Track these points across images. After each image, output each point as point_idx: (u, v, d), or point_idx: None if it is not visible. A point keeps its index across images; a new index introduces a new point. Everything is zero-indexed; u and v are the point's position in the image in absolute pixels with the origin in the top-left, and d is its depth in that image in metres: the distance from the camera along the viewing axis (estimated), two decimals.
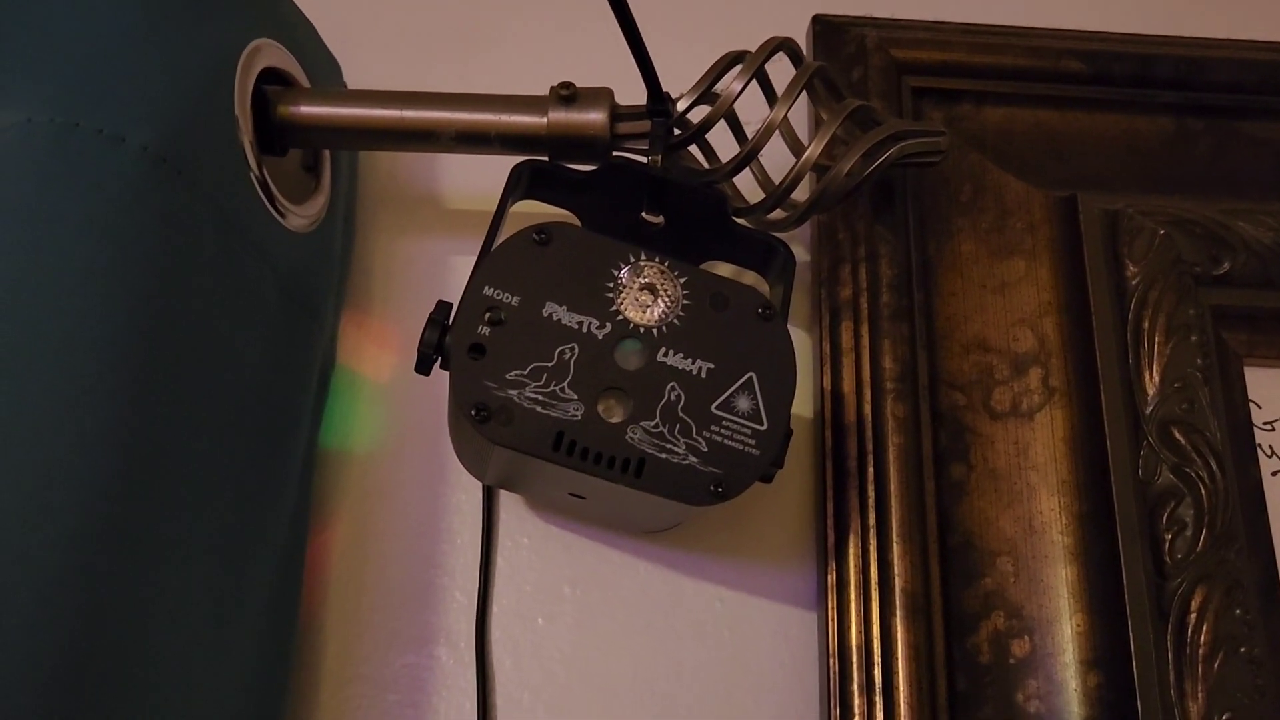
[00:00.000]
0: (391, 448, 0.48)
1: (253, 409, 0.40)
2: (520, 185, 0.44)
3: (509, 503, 0.47)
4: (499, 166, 0.44)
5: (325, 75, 0.49)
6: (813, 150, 0.43)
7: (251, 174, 0.41)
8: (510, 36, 0.57)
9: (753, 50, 0.44)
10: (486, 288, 0.37)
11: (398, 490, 0.47)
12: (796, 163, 0.44)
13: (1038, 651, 0.42)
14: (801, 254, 0.51)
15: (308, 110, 0.44)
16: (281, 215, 0.43)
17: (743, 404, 0.38)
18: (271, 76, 0.45)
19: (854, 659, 0.41)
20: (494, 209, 0.42)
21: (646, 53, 0.40)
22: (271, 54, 0.44)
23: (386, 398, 0.49)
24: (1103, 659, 0.41)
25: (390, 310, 0.50)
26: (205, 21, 0.40)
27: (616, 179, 0.44)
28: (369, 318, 0.50)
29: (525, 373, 0.37)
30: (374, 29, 0.56)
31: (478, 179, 0.52)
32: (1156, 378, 0.44)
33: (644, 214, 0.45)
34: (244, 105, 0.41)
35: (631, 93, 0.44)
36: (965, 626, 0.43)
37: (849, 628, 0.42)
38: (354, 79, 0.53)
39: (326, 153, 0.47)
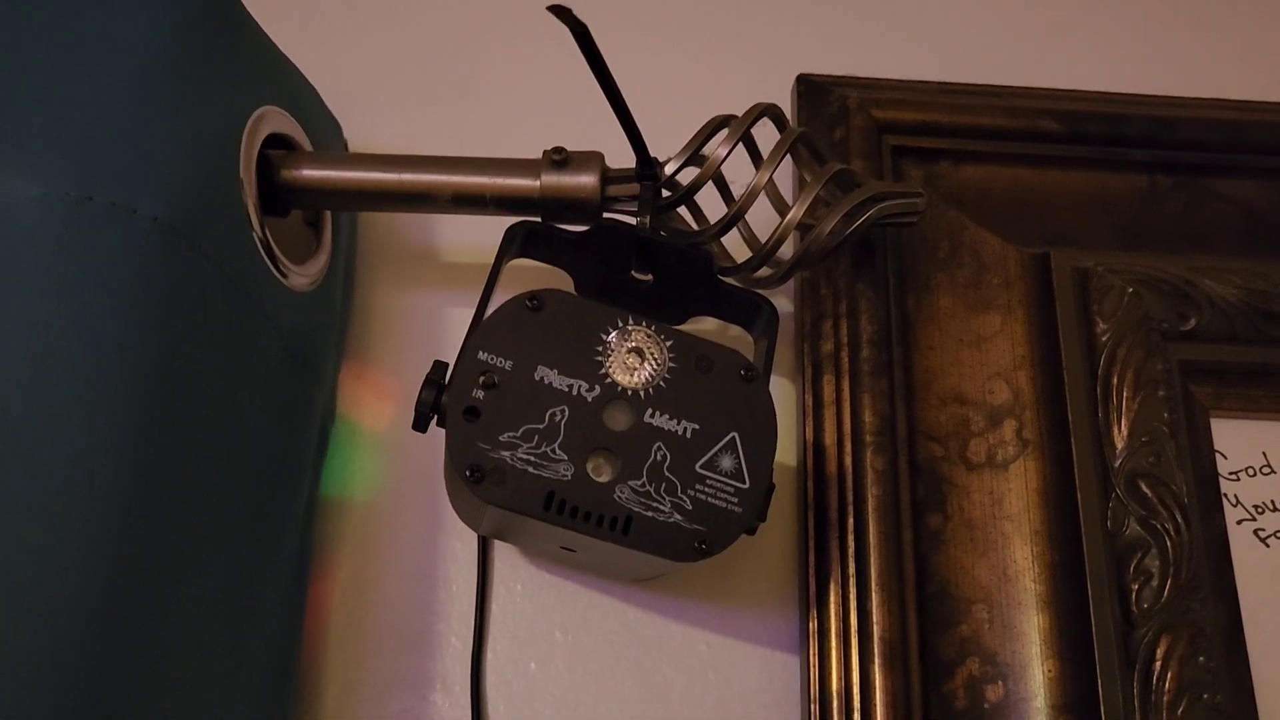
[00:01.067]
0: (390, 496, 0.50)
1: (257, 464, 0.42)
2: (514, 245, 0.46)
3: (503, 550, 0.49)
4: (494, 224, 0.46)
5: (327, 136, 0.51)
6: (796, 212, 0.45)
7: (255, 235, 0.43)
8: (504, 96, 0.59)
9: (739, 114, 0.46)
10: (481, 352, 0.39)
11: (396, 538, 0.49)
12: (781, 223, 0.45)
13: (1011, 696, 0.43)
14: (786, 309, 0.53)
15: (309, 174, 0.46)
16: (284, 275, 0.45)
17: (726, 463, 0.39)
18: (275, 141, 0.46)
19: (834, 705, 0.43)
20: (489, 264, 0.44)
21: (634, 122, 0.42)
22: (275, 120, 0.46)
23: (385, 447, 0.50)
24: (1073, 704, 0.43)
25: (389, 363, 0.52)
26: (214, 92, 0.42)
27: (607, 239, 0.46)
28: (368, 369, 0.52)
29: (518, 434, 0.38)
30: (374, 88, 0.58)
31: (473, 236, 0.54)
32: (1125, 431, 0.46)
33: (634, 272, 0.47)
34: (249, 171, 0.43)
35: (622, 153, 0.46)
36: (941, 672, 0.44)
37: (830, 674, 0.44)
38: (355, 136, 0.55)
39: (328, 213, 0.49)
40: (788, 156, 0.46)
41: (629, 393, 0.40)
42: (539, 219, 0.46)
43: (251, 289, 0.42)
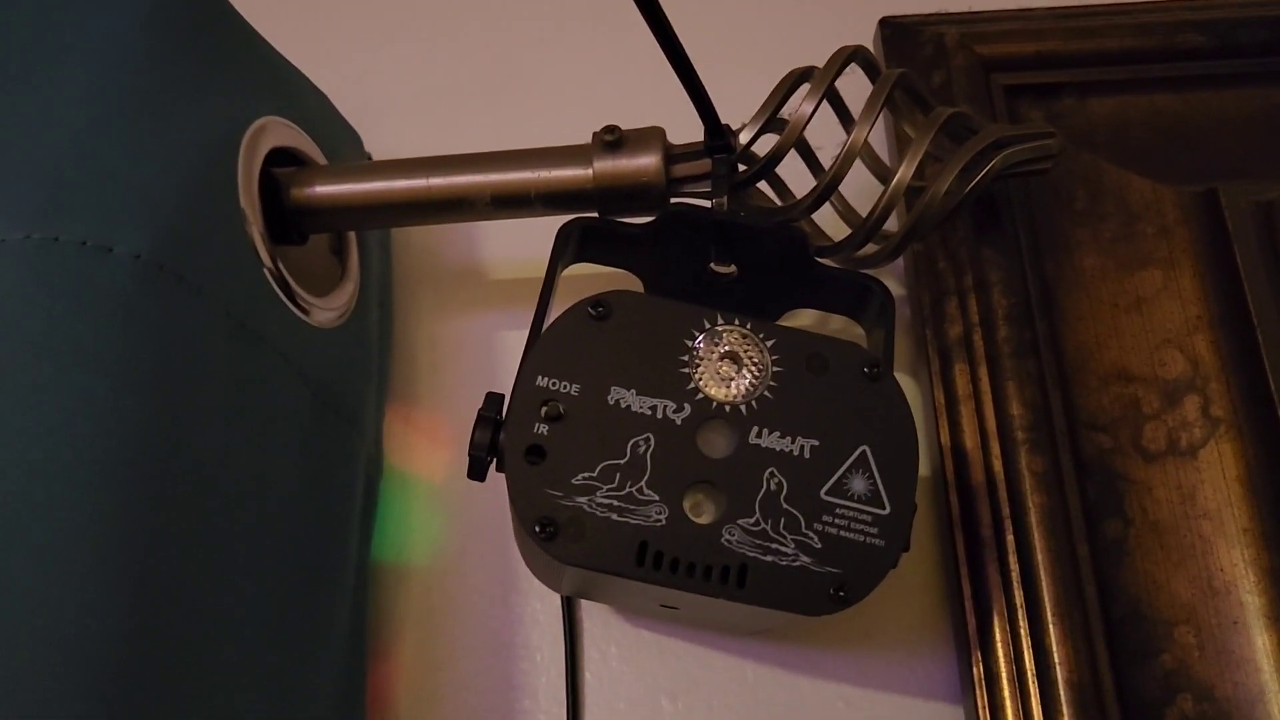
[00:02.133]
0: (454, 556, 0.42)
1: (288, 533, 0.35)
2: (569, 248, 0.38)
3: (592, 607, 0.41)
4: (546, 226, 0.38)
5: (343, 148, 0.44)
6: (904, 172, 0.37)
7: (265, 270, 0.36)
8: (545, 82, 0.52)
9: (820, 66, 0.38)
10: (540, 377, 0.32)
11: (466, 604, 0.42)
12: (886, 189, 0.37)
13: None
14: (897, 290, 0.45)
15: (324, 190, 0.39)
16: (305, 312, 0.38)
17: (858, 485, 0.31)
18: (282, 157, 0.40)
19: None
20: (543, 276, 0.37)
21: (698, 80, 0.34)
22: (279, 132, 0.39)
23: (444, 500, 0.43)
24: None
25: (440, 400, 0.45)
26: (197, 105, 0.35)
27: (678, 229, 0.38)
28: (417, 411, 0.45)
29: (595, 474, 0.31)
30: (395, 93, 0.51)
31: (524, 243, 0.47)
32: None
33: (713, 265, 0.39)
34: (250, 193, 0.36)
35: (686, 130, 0.38)
36: (1147, 716, 0.36)
37: None
38: (380, 149, 0.48)
39: (352, 235, 0.42)
40: (884, 109, 0.38)
41: (727, 409, 0.32)
42: (596, 214, 0.39)
43: (265, 330, 0.35)
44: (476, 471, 0.33)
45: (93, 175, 0.32)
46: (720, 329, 0.33)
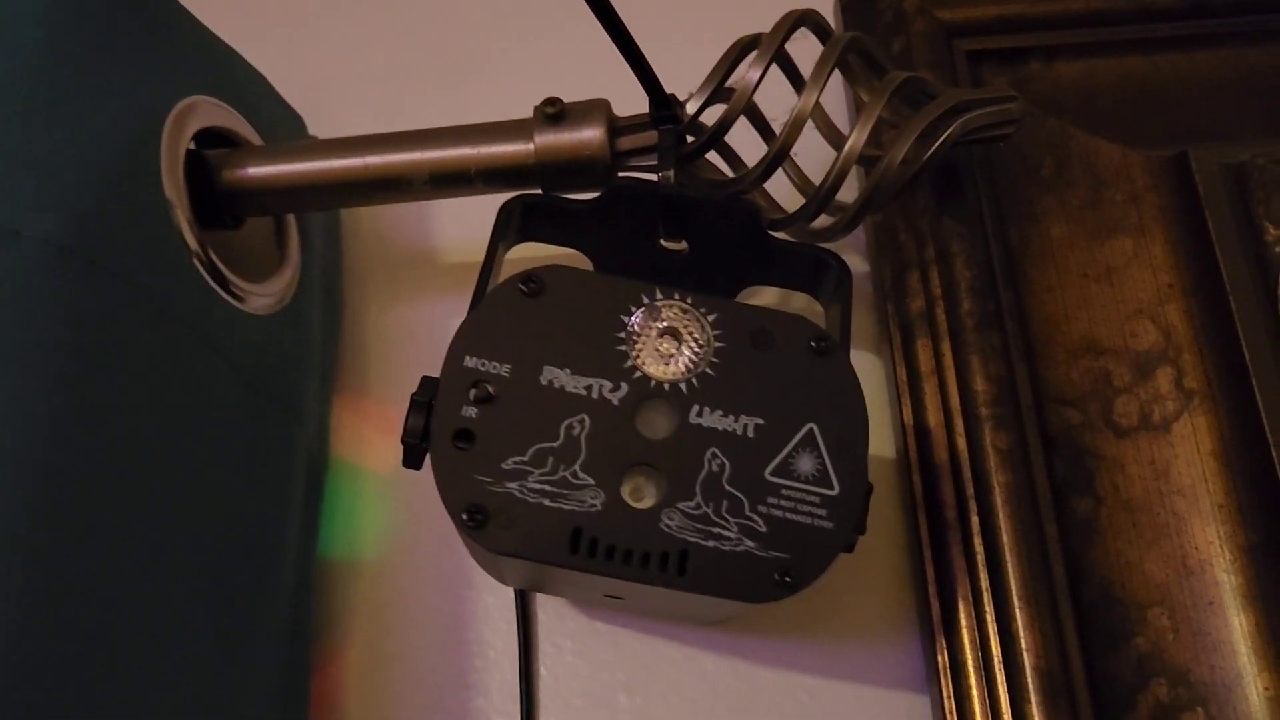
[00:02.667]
0: (404, 551, 0.41)
1: (216, 524, 0.33)
2: (511, 227, 0.37)
3: (547, 600, 0.40)
4: (499, 208, 0.37)
5: (282, 130, 0.42)
6: (856, 139, 0.35)
7: (192, 255, 0.34)
8: (495, 59, 0.50)
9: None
10: (469, 358, 0.30)
11: (417, 600, 0.40)
12: (838, 157, 0.36)
13: None
14: (858, 265, 0.43)
15: (256, 172, 0.37)
16: (239, 299, 0.36)
17: (805, 465, 0.30)
18: (214, 138, 0.38)
19: None
20: None
21: (637, 48, 0.33)
22: (209, 112, 0.37)
23: (394, 493, 0.42)
24: None
25: (390, 390, 0.44)
26: (116, 85, 0.34)
27: (625, 205, 0.37)
28: (366, 401, 0.44)
29: (526, 459, 0.29)
30: (342, 74, 0.50)
31: (477, 226, 0.44)
32: None
33: (663, 241, 0.38)
34: (175, 175, 0.35)
35: (641, 105, 0.37)
36: (1120, 704, 0.34)
37: (972, 718, 0.34)
38: (329, 132, 0.47)
39: (292, 219, 0.41)
40: (837, 73, 0.37)
41: (666, 388, 0.30)
42: (539, 190, 0.37)
43: (190, 317, 0.34)
44: (412, 459, 0.31)
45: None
46: (659, 304, 0.31)
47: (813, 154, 0.39)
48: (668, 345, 0.31)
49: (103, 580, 0.28)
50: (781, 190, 0.39)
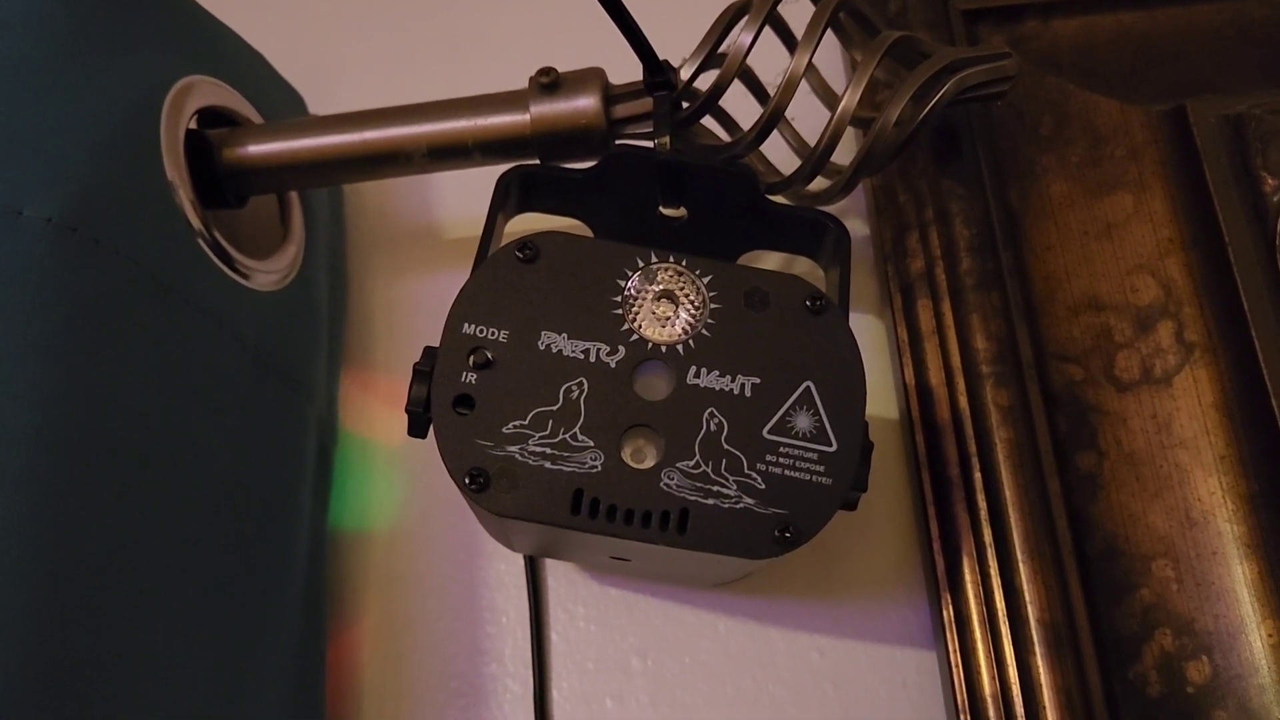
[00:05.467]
0: (416, 521, 0.41)
1: (228, 499, 0.34)
2: (510, 198, 0.37)
3: (557, 567, 0.40)
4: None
5: (282, 108, 0.43)
6: (848, 100, 0.35)
7: (196, 234, 0.35)
8: (494, 31, 0.50)
9: None
10: (467, 325, 0.30)
11: (430, 569, 0.41)
12: (831, 118, 0.36)
13: (1222, 675, 0.33)
14: (860, 227, 0.43)
15: (257, 150, 0.38)
16: (244, 275, 0.37)
17: (802, 423, 0.30)
18: (215, 118, 0.39)
19: (989, 711, 0.33)
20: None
21: (629, 15, 0.33)
22: (208, 91, 0.38)
23: (404, 464, 0.42)
24: None
25: (397, 362, 0.44)
26: (116, 66, 0.34)
27: (622, 173, 0.37)
28: (374, 374, 0.44)
29: (526, 422, 0.30)
30: (342, 53, 0.50)
31: (479, 199, 0.45)
32: None
33: (662, 208, 0.38)
34: (175, 154, 0.35)
35: (632, 71, 0.37)
36: (1124, 654, 0.34)
37: (978, 673, 0.34)
38: (329, 109, 0.47)
39: (294, 196, 0.41)
40: (829, 34, 0.37)
41: (664, 350, 0.31)
42: (537, 161, 0.38)
43: (195, 294, 0.34)
44: (417, 428, 0.32)
45: (1, 139, 0.31)
46: (655, 267, 0.32)
47: (810, 117, 0.39)
48: (664, 308, 0.31)
49: (116, 555, 0.29)
50: (780, 154, 0.39)
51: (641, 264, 0.31)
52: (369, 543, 0.41)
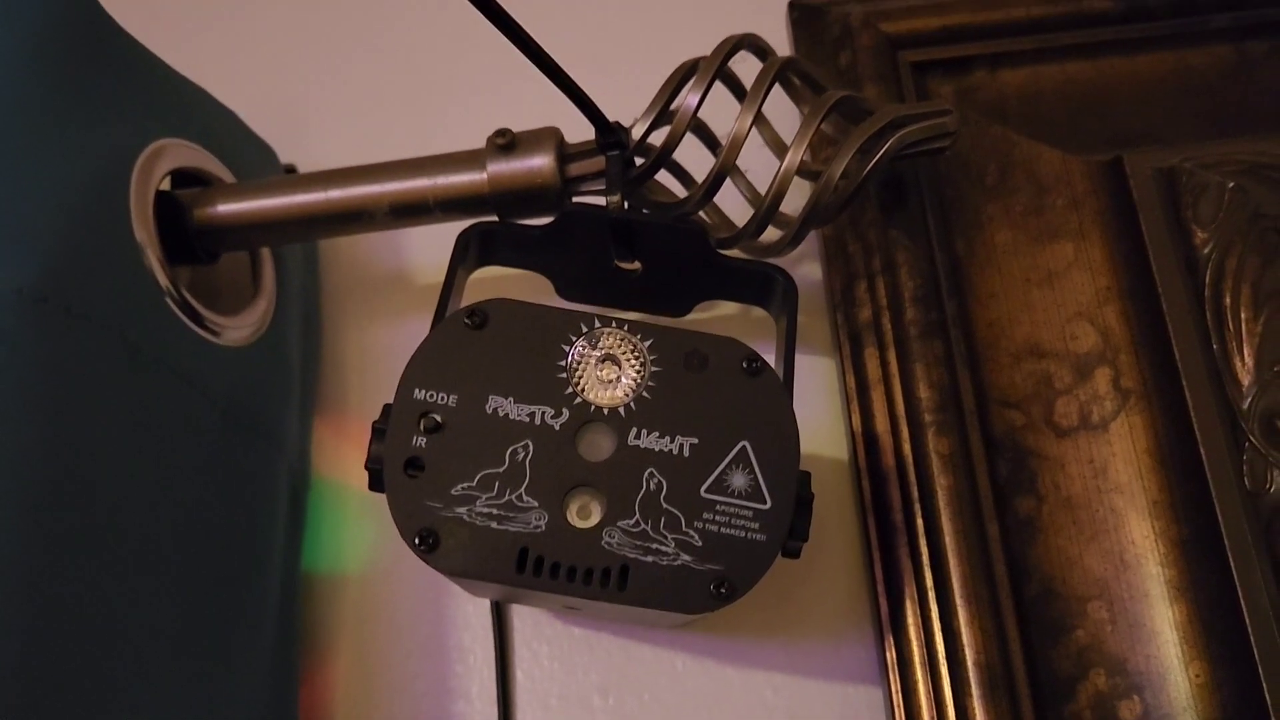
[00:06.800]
0: (387, 564, 0.43)
1: (200, 551, 0.35)
2: (469, 254, 0.38)
3: (522, 607, 0.42)
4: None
5: (254, 164, 0.44)
6: (791, 156, 0.37)
7: (166, 296, 0.36)
8: (458, 88, 0.52)
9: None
10: (417, 390, 0.32)
11: (399, 611, 0.42)
12: (776, 173, 0.37)
13: (1152, 713, 0.34)
14: (813, 276, 0.45)
15: (226, 209, 0.39)
16: (214, 332, 0.38)
17: (738, 481, 0.31)
18: (187, 178, 0.40)
19: None
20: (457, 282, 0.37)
21: (570, 80, 0.34)
22: (179, 154, 0.39)
23: (375, 508, 0.44)
24: (1235, 717, 0.34)
25: (369, 409, 0.45)
26: (86, 132, 0.36)
27: (579, 228, 0.38)
28: (346, 420, 0.46)
29: (474, 484, 0.31)
30: (315, 104, 0.52)
31: (448, 249, 0.47)
32: (1250, 362, 0.36)
33: (617, 262, 0.39)
34: (145, 217, 0.37)
35: (590, 127, 0.38)
36: (1059, 694, 0.35)
37: (919, 713, 0.35)
38: (305, 160, 0.49)
39: (265, 252, 0.43)
40: (779, 91, 0.38)
41: (606, 412, 0.32)
42: (495, 217, 0.39)
43: (165, 354, 0.36)
44: (377, 484, 0.33)
45: None
46: (599, 331, 0.33)
47: (768, 172, 0.40)
48: (608, 371, 0.32)
49: (91, 605, 0.30)
50: (737, 204, 0.41)
51: (585, 329, 0.33)
52: (342, 586, 0.43)
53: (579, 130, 0.39)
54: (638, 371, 0.32)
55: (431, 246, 0.48)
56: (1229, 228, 0.38)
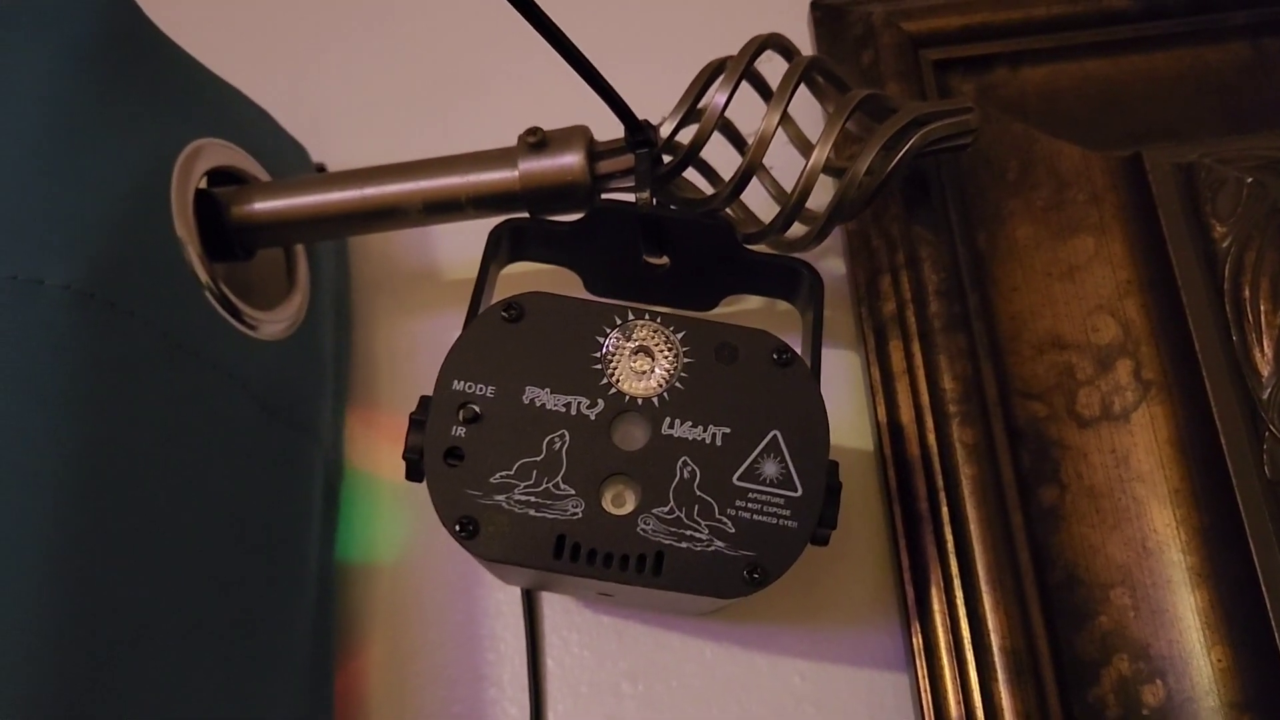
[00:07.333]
0: (419, 554, 0.44)
1: (239, 542, 0.36)
2: (501, 249, 0.39)
3: (552, 595, 0.43)
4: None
5: (288, 163, 0.45)
6: (819, 153, 0.38)
7: (204, 289, 0.37)
8: (488, 87, 0.53)
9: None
10: (456, 381, 0.33)
11: (432, 600, 0.43)
12: (803, 171, 0.38)
13: (1175, 697, 0.35)
14: (838, 270, 0.45)
15: (262, 207, 0.40)
16: (251, 326, 0.39)
17: (769, 469, 0.32)
18: (224, 177, 0.41)
19: None
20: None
21: (603, 80, 0.35)
22: (216, 153, 0.40)
23: (407, 499, 0.45)
24: (1256, 700, 0.34)
25: (400, 401, 0.46)
26: (130, 134, 0.36)
27: (608, 224, 0.39)
28: (378, 413, 0.46)
29: (512, 472, 0.32)
30: (346, 103, 0.53)
31: (478, 245, 0.48)
32: (1270, 354, 0.37)
33: (645, 258, 0.40)
34: (185, 216, 0.37)
35: (619, 125, 0.39)
36: (1083, 678, 0.36)
37: (945, 698, 0.36)
38: (335, 158, 0.49)
39: (300, 247, 0.44)
40: (804, 91, 0.39)
41: (640, 403, 0.33)
42: (526, 214, 0.40)
43: (205, 348, 0.36)
44: (414, 474, 0.34)
45: (22, 211, 0.33)
46: (632, 324, 0.34)
47: (793, 167, 0.41)
48: (641, 362, 0.33)
49: (131, 595, 0.31)
50: (763, 200, 0.42)
51: (619, 321, 0.34)
52: (375, 575, 0.44)
53: (604, 127, 0.39)
54: (670, 363, 0.33)
55: (457, 243, 0.49)
56: (1247, 222, 0.38)
